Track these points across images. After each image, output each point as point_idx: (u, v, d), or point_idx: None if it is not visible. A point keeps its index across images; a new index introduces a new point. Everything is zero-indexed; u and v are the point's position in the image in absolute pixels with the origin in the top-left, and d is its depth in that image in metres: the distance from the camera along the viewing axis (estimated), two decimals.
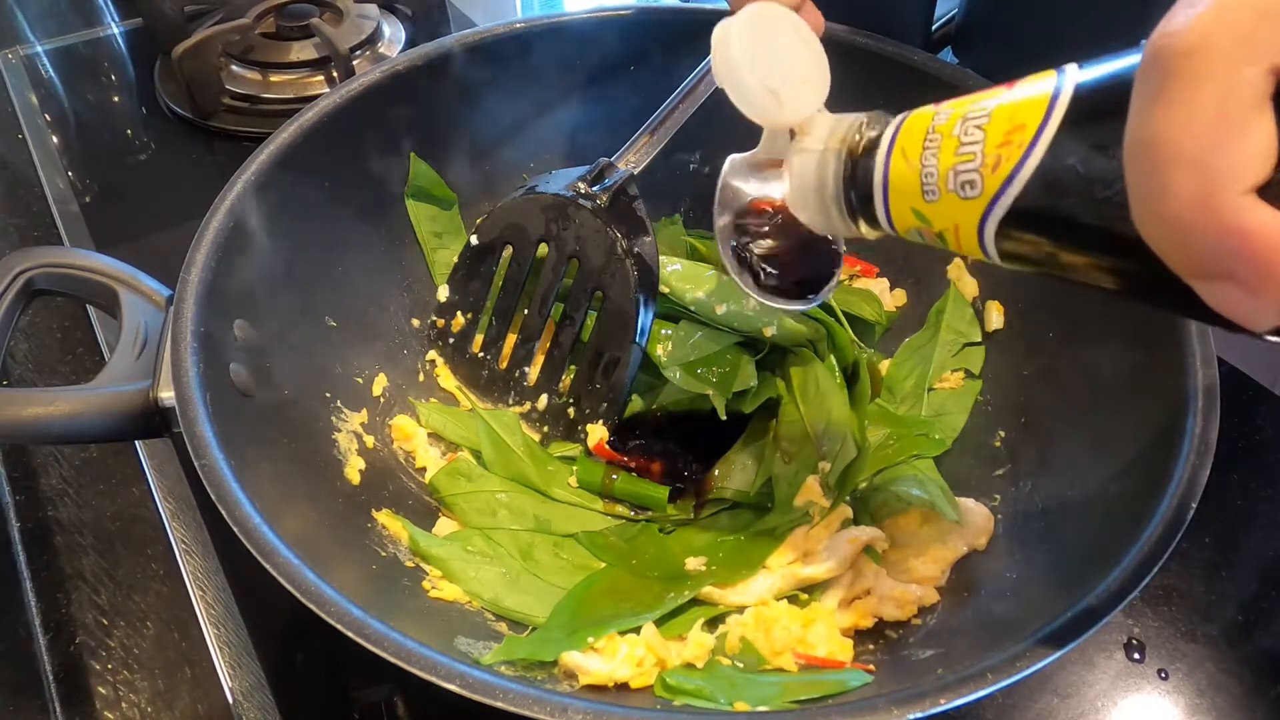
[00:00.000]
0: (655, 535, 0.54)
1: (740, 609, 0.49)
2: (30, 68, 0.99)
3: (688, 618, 0.49)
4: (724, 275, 0.59)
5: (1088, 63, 0.29)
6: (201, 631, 0.52)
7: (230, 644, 0.52)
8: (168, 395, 0.43)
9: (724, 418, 0.56)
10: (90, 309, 0.70)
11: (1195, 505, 0.39)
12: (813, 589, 0.50)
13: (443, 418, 0.59)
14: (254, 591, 0.53)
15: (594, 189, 0.56)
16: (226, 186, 0.51)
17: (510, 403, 0.60)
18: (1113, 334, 0.50)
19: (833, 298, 0.62)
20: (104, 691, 0.50)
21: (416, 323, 0.64)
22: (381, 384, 0.59)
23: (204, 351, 0.44)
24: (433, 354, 0.63)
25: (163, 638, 0.53)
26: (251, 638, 0.52)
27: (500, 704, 0.33)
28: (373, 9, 0.99)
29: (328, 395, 0.55)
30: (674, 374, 0.57)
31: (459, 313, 0.62)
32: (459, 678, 0.34)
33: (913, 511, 0.52)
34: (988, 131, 0.30)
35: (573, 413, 0.58)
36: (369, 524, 0.50)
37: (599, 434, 0.57)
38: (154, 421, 0.44)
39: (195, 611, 0.53)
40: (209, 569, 0.55)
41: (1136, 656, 0.51)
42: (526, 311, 0.59)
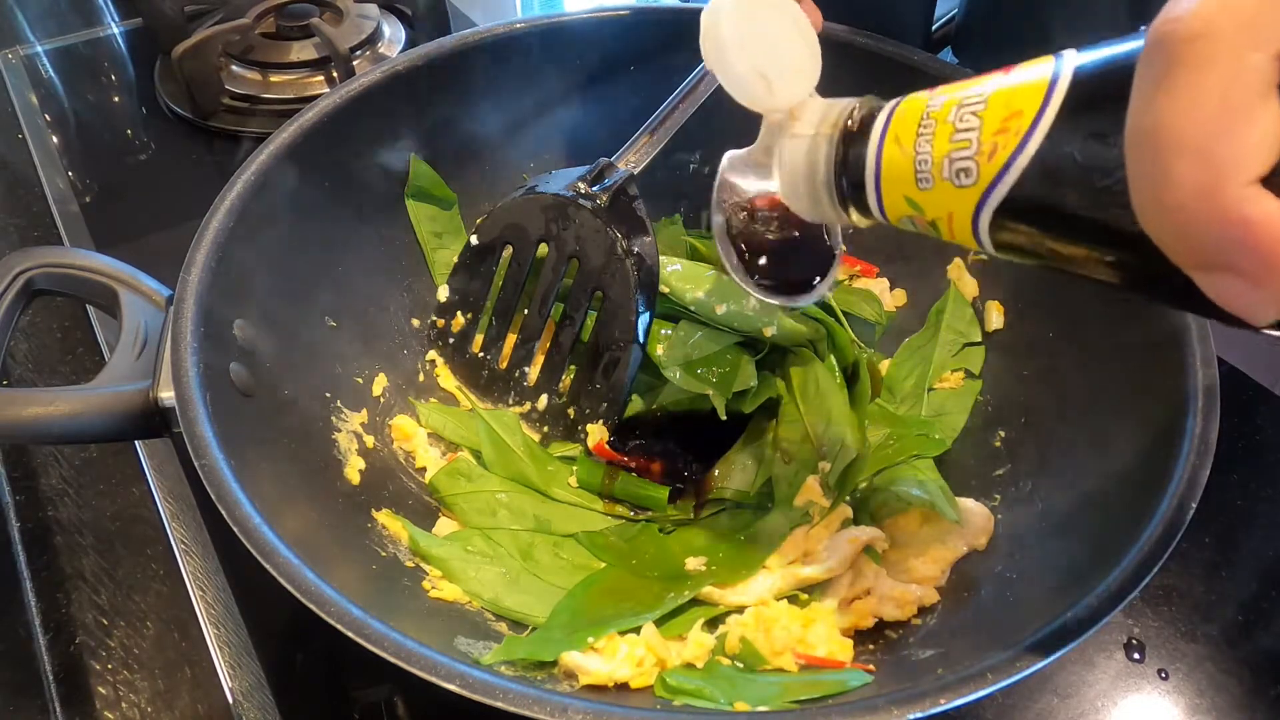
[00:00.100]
0: (655, 535, 0.54)
1: (740, 609, 0.49)
2: (30, 68, 0.99)
3: (688, 618, 0.49)
4: (724, 275, 0.59)
5: (1086, 47, 0.28)
6: (201, 631, 0.52)
7: (230, 644, 0.52)
8: (168, 395, 0.43)
9: (724, 418, 0.56)
10: (90, 309, 0.70)
11: (1195, 505, 0.39)
12: (813, 589, 0.50)
13: (443, 418, 0.59)
14: (254, 591, 0.53)
15: (594, 189, 0.56)
16: (226, 186, 0.51)
17: (510, 403, 0.60)
18: (1113, 334, 0.50)
19: (833, 298, 0.62)
20: (104, 691, 0.50)
21: (416, 323, 0.64)
22: (381, 384, 0.59)
23: (204, 351, 0.44)
24: (433, 354, 0.63)
25: (163, 638, 0.53)
26: (251, 638, 0.52)
27: (500, 704, 0.33)
28: (373, 9, 0.99)
29: (328, 395, 0.55)
30: (674, 374, 0.57)
31: (459, 313, 0.62)
32: (459, 678, 0.34)
33: (913, 511, 0.52)
34: (984, 118, 0.29)
35: (573, 413, 0.58)
36: (369, 524, 0.50)
37: (599, 434, 0.57)
38: (154, 421, 0.44)
39: (195, 611, 0.53)
40: (209, 569, 0.55)
41: (1136, 656, 0.51)
42: (526, 311, 0.59)
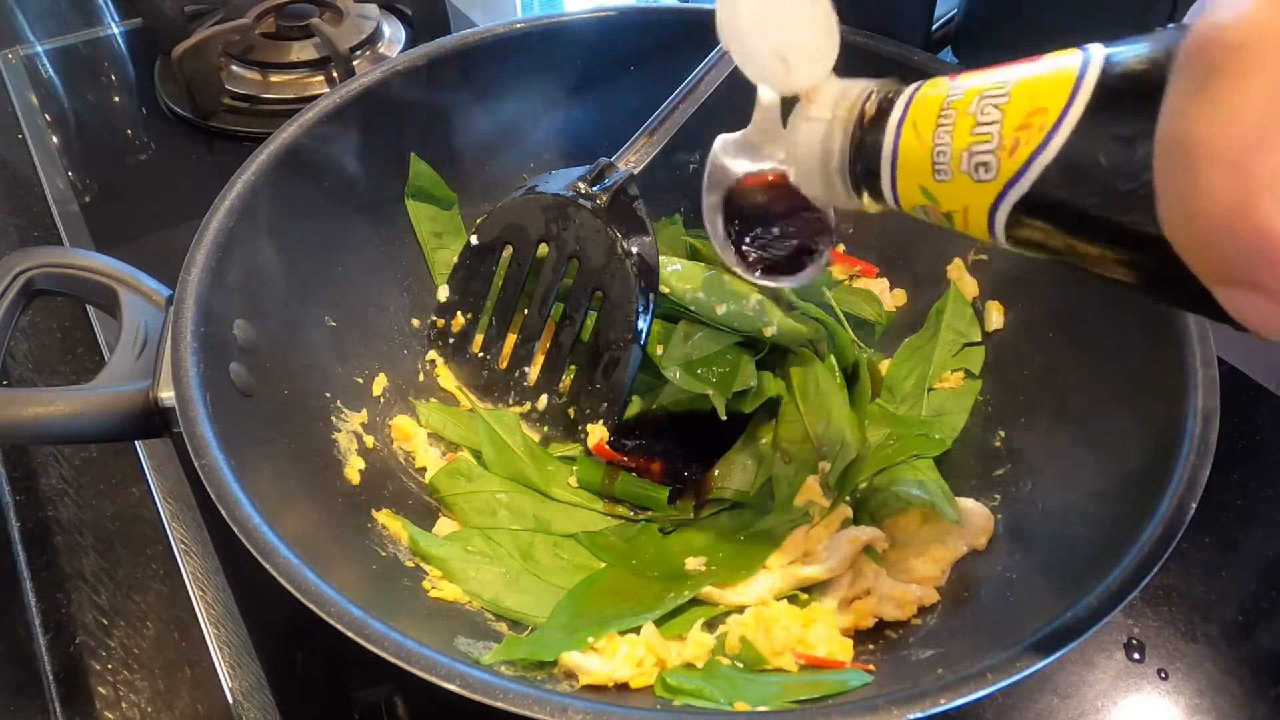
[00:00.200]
0: (655, 535, 0.54)
1: (740, 609, 0.49)
2: (30, 68, 0.99)
3: (688, 618, 0.49)
4: (725, 273, 0.59)
5: (1112, 43, 0.27)
6: (201, 631, 0.52)
7: (230, 644, 0.52)
8: (168, 395, 0.43)
9: (724, 418, 0.56)
10: (90, 309, 0.70)
11: (1195, 505, 0.39)
12: (813, 589, 0.50)
13: (443, 418, 0.59)
14: (254, 591, 0.53)
15: (594, 189, 0.56)
16: (226, 186, 0.51)
17: (510, 403, 0.60)
18: (1113, 334, 0.50)
19: (833, 298, 0.62)
20: (104, 691, 0.50)
21: (416, 323, 0.64)
22: (381, 384, 0.59)
23: (204, 351, 0.44)
24: (433, 354, 0.63)
25: (163, 638, 0.53)
26: (251, 638, 0.52)
27: (500, 704, 0.33)
28: (373, 9, 0.99)
29: (328, 395, 0.55)
30: (674, 374, 0.57)
31: (459, 313, 0.62)
32: (459, 678, 0.34)
33: (913, 511, 0.52)
34: (1006, 112, 0.29)
35: (573, 413, 0.58)
36: (369, 524, 0.50)
37: (599, 434, 0.57)
38: (154, 421, 0.44)
39: (195, 611, 0.53)
40: (209, 569, 0.55)
41: (1136, 656, 0.51)
42: (526, 311, 0.59)
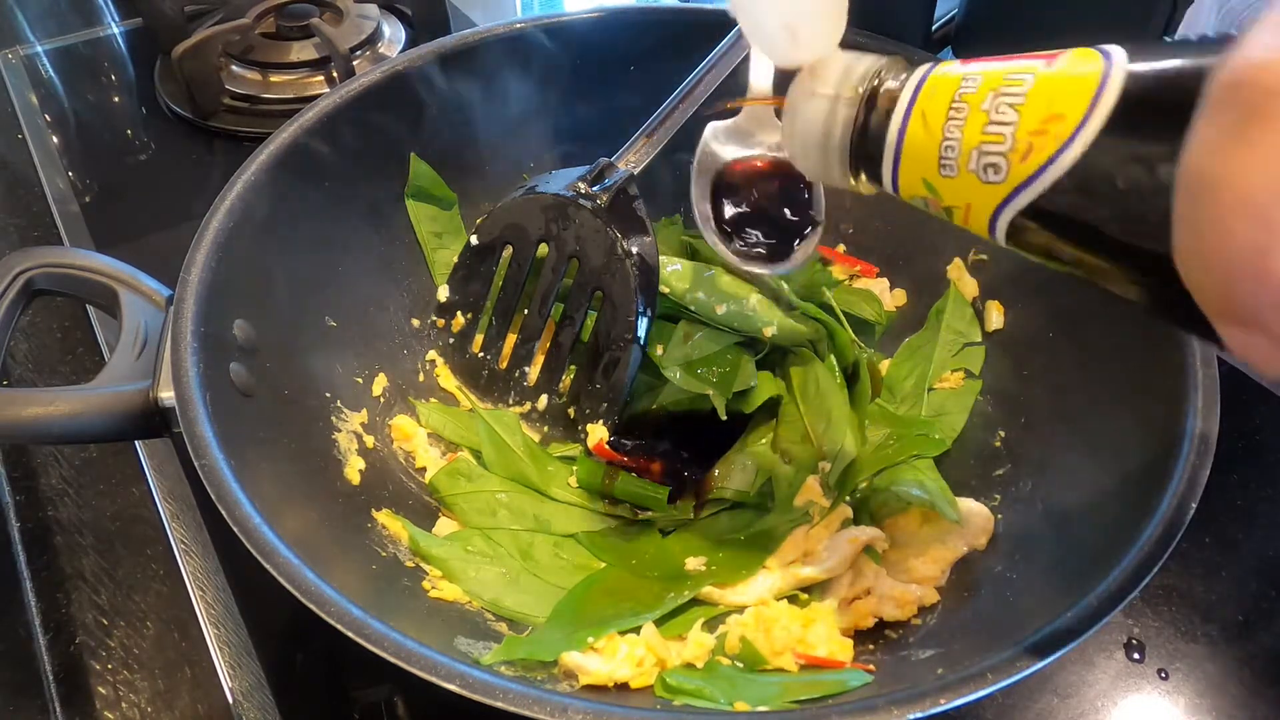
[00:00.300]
0: (655, 535, 0.54)
1: (740, 609, 0.49)
2: (30, 68, 0.99)
3: (688, 618, 0.49)
4: (724, 274, 0.59)
5: (1136, 51, 0.26)
6: (201, 631, 0.52)
7: (230, 644, 0.52)
8: (168, 395, 0.43)
9: (724, 418, 0.56)
10: (90, 309, 0.70)
11: (1195, 505, 0.39)
12: (813, 589, 0.50)
13: (443, 418, 0.59)
14: (254, 591, 0.53)
15: (594, 189, 0.56)
16: (226, 186, 0.51)
17: (510, 403, 0.60)
18: (1113, 334, 0.50)
19: (833, 297, 0.62)
20: (104, 691, 0.50)
21: (416, 323, 0.64)
22: (381, 384, 0.59)
23: (204, 351, 0.44)
24: (433, 354, 0.63)
25: (163, 638, 0.53)
26: (251, 638, 0.52)
27: (500, 704, 0.33)
28: (373, 9, 0.99)
29: (328, 395, 0.55)
30: (674, 374, 0.57)
31: (459, 313, 0.62)
32: (459, 678, 0.34)
33: (913, 511, 0.52)
34: (1022, 114, 0.28)
35: (573, 413, 0.58)
36: (369, 524, 0.50)
37: (599, 434, 0.57)
38: (154, 421, 0.44)
39: (195, 611, 0.53)
40: (209, 569, 0.55)
41: (1136, 656, 0.51)
42: (526, 311, 0.59)
